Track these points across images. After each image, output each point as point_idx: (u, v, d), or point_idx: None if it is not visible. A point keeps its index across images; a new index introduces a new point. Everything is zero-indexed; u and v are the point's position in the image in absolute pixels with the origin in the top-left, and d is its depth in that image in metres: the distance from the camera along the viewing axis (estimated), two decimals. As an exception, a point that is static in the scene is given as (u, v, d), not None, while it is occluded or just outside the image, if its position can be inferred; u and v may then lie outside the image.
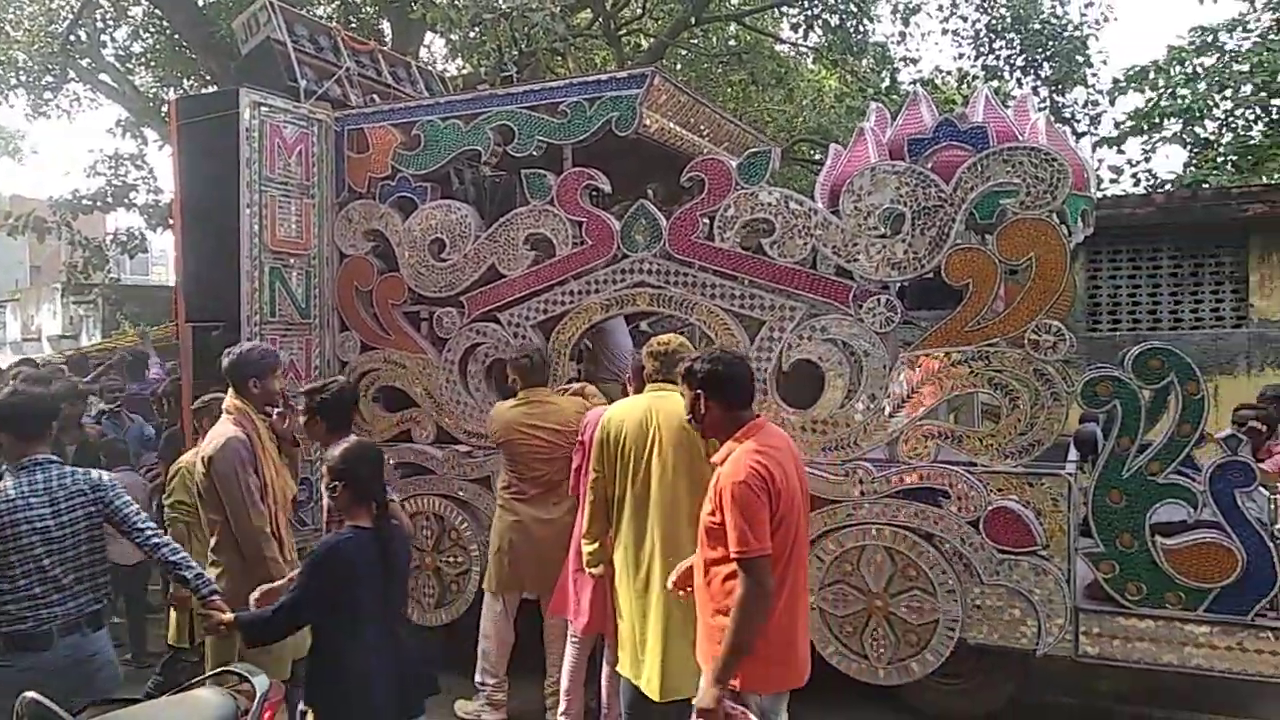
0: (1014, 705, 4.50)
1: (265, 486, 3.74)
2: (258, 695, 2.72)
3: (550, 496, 4.50)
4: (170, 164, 5.58)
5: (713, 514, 2.76)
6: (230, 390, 3.88)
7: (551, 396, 4.64)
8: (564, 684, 4.18)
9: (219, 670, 2.97)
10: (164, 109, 12.11)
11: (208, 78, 12.08)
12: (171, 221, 6.60)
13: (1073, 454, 4.79)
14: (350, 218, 5.50)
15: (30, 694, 2.37)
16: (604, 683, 4.07)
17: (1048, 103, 14.16)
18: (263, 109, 5.16)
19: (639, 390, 4.11)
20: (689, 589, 3.13)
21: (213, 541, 3.80)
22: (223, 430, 3.73)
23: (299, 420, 3.88)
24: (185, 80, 13.07)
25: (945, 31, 14.88)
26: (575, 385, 4.83)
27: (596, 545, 3.78)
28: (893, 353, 4.43)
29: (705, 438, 3.06)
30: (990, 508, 4.13)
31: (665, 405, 3.59)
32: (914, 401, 4.27)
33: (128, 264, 19.18)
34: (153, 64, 13.86)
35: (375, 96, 6.27)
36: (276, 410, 4.04)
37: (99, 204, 13.29)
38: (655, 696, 3.47)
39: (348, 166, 5.53)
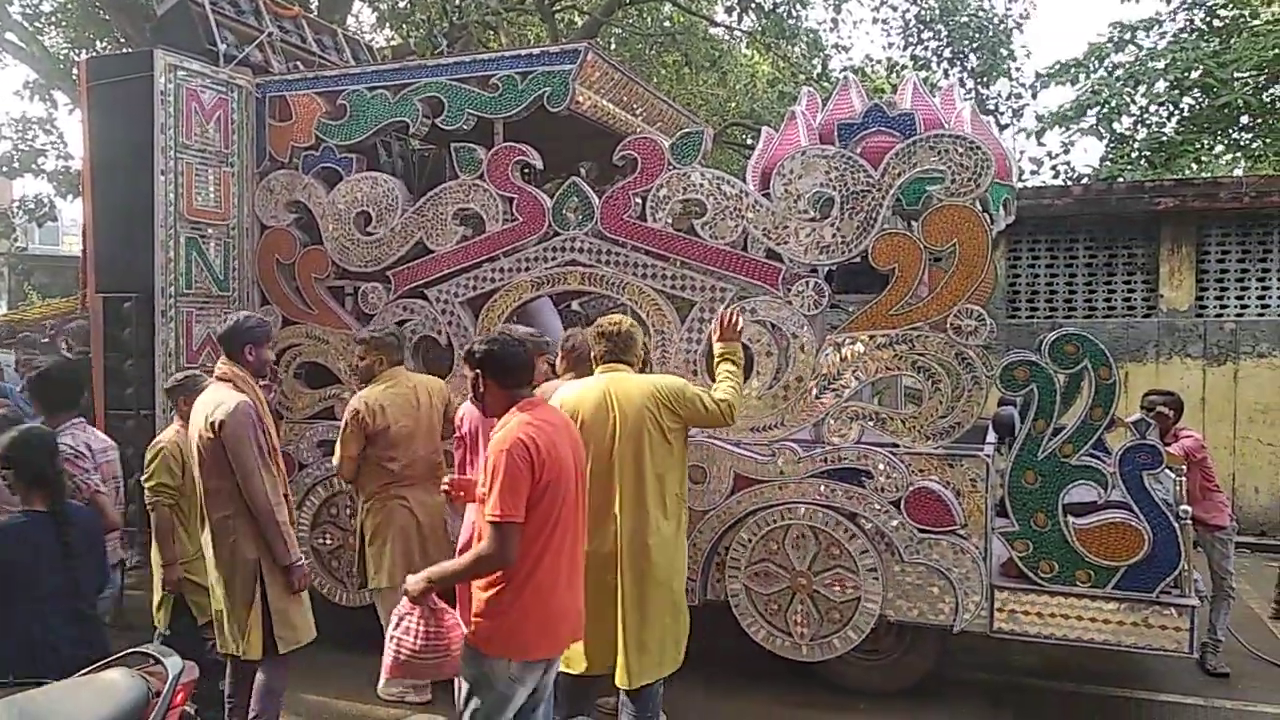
0: (931, 680, 4.62)
1: (273, 451, 3.65)
2: (170, 677, 2.63)
3: (430, 478, 4.35)
4: (80, 129, 5.34)
5: (483, 483, 2.83)
6: (224, 358, 3.69)
7: (412, 375, 4.57)
8: None
9: (129, 651, 2.87)
10: (75, 71, 11.57)
11: (122, 40, 11.57)
12: (81, 188, 6.31)
13: (991, 436, 4.92)
14: (271, 188, 5.33)
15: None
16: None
17: (973, 94, 14.49)
18: (179, 72, 4.97)
19: (569, 372, 4.07)
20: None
21: (213, 511, 3.60)
22: (229, 395, 3.56)
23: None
24: (98, 42, 12.51)
25: (875, 20, 15.21)
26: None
27: None
28: (820, 335, 4.48)
29: (486, 415, 3.09)
30: (911, 488, 4.22)
31: (623, 387, 3.55)
32: (839, 384, 4.34)
33: (36, 233, 18.32)
34: (63, 24, 13.23)
35: (299, 64, 6.08)
36: (263, 381, 3.96)
37: (5, 169, 12.68)
38: (625, 684, 3.43)
39: (269, 135, 5.36)
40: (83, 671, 2.79)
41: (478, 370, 2.93)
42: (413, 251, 5.09)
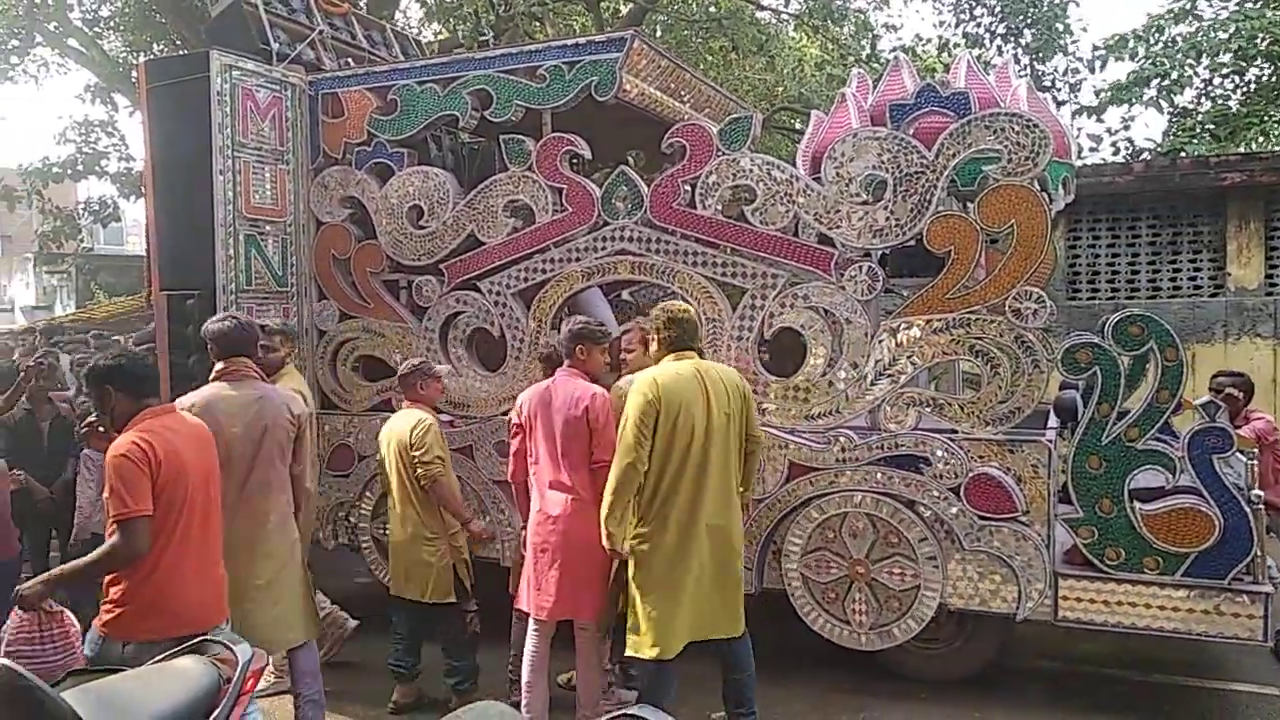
0: (994, 669, 4.55)
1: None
2: (240, 664, 2.69)
3: None
4: (141, 130, 5.46)
5: (105, 492, 3.00)
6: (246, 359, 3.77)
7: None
8: (525, 675, 3.99)
9: (200, 639, 2.94)
10: (134, 74, 11.86)
11: (178, 42, 11.83)
12: (144, 189, 6.47)
13: (1053, 421, 4.81)
14: (326, 184, 5.41)
15: (4, 662, 2.33)
16: (579, 675, 4.00)
17: (1028, 70, 14.14)
18: (234, 72, 5.05)
19: (615, 361, 4.16)
20: None
21: (285, 495, 3.78)
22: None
23: None
24: (155, 45, 12.80)
25: (926, -1, 14.79)
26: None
27: (622, 522, 3.62)
28: (874, 320, 4.42)
29: (114, 429, 3.12)
30: (971, 475, 4.15)
31: (710, 374, 3.67)
32: (895, 370, 4.28)
33: (101, 233, 18.87)
34: (121, 28, 13.55)
35: (350, 60, 6.15)
36: None
37: (69, 172, 13.05)
38: (672, 653, 3.53)
39: (322, 131, 5.43)
40: (156, 659, 2.87)
41: (107, 385, 3.08)
42: (464, 244, 5.12)
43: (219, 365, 3.74)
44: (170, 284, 5.18)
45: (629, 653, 3.64)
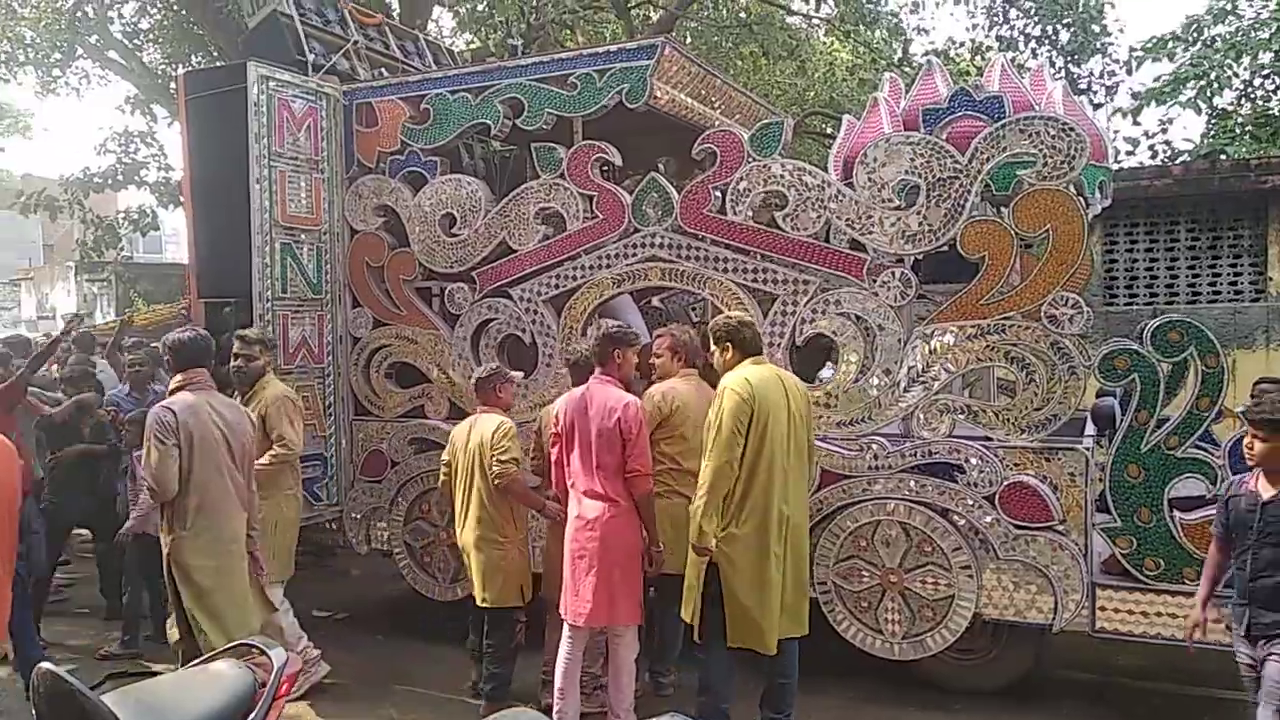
0: (1030, 680, 4.49)
1: None
2: (275, 668, 2.73)
3: None
4: (179, 140, 5.56)
5: None
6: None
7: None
8: (558, 680, 4.01)
9: (236, 643, 2.98)
10: (172, 85, 12.07)
11: (215, 53, 12.01)
12: (182, 198, 6.58)
13: (1090, 428, 4.75)
14: (360, 193, 5.47)
15: (46, 665, 2.38)
16: (611, 681, 4.01)
17: (1063, 73, 13.97)
18: (270, 83, 5.13)
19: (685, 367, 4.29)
20: None
21: (245, 497, 4.01)
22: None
23: None
24: (194, 56, 13.00)
25: (958, 2, 14.66)
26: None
27: (713, 520, 3.61)
28: (907, 326, 4.39)
29: None
30: (1006, 482, 4.11)
31: (789, 380, 3.80)
32: (928, 376, 4.24)
33: (140, 242, 19.23)
34: (160, 40, 13.78)
35: (384, 70, 6.23)
36: None
37: (110, 182, 13.29)
38: (774, 649, 3.63)
39: (357, 141, 5.50)
40: (193, 662, 2.91)
41: None
42: (496, 251, 5.16)
43: (179, 376, 3.96)
44: (207, 292, 5.27)
45: (736, 643, 3.66)
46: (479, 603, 4.38)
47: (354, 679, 4.84)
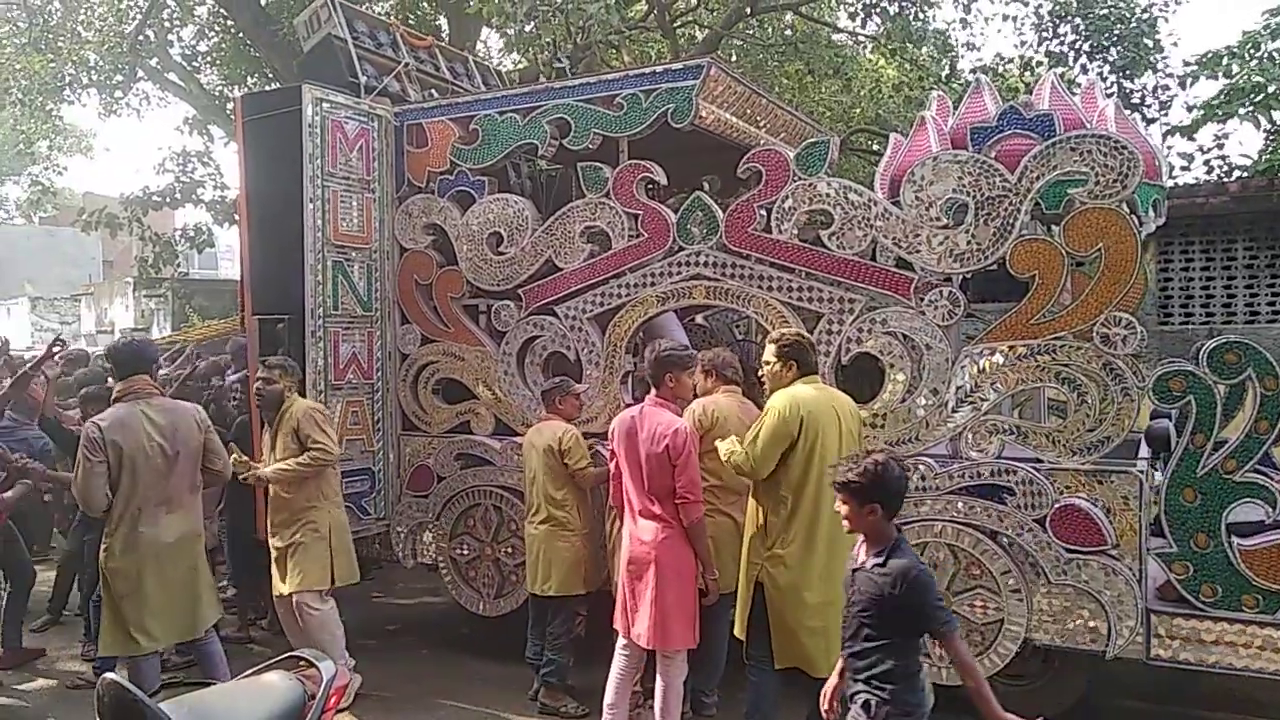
0: (1082, 708, 4.38)
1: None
2: (324, 680, 2.77)
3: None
4: (236, 160, 5.70)
5: None
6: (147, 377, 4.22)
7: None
8: (608, 696, 4.03)
9: (286, 655, 3.03)
10: (229, 106, 12.38)
11: (271, 75, 12.31)
12: (237, 217, 6.74)
13: (1144, 451, 4.65)
14: (410, 212, 5.56)
15: (110, 675, 2.44)
16: (658, 702, 3.98)
17: (1115, 89, 13.75)
18: (325, 105, 5.24)
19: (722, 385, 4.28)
20: None
21: (197, 498, 4.34)
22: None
23: None
24: (250, 78, 13.33)
25: (1006, 17, 14.51)
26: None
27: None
28: (955, 346, 4.34)
29: None
30: (1057, 505, 4.03)
31: (840, 395, 3.86)
32: (977, 396, 4.19)
33: (196, 259, 19.72)
34: (218, 63, 14.16)
35: (434, 91, 6.34)
36: None
37: (168, 200, 13.64)
38: (826, 673, 3.51)
39: (407, 161, 5.59)
40: (244, 674, 2.96)
41: None
42: (542, 269, 5.21)
43: (119, 385, 4.16)
44: (261, 308, 5.37)
45: (783, 664, 3.64)
46: (540, 592, 4.62)
47: (398, 694, 4.88)
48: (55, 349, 5.48)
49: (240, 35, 12.76)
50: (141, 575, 4.03)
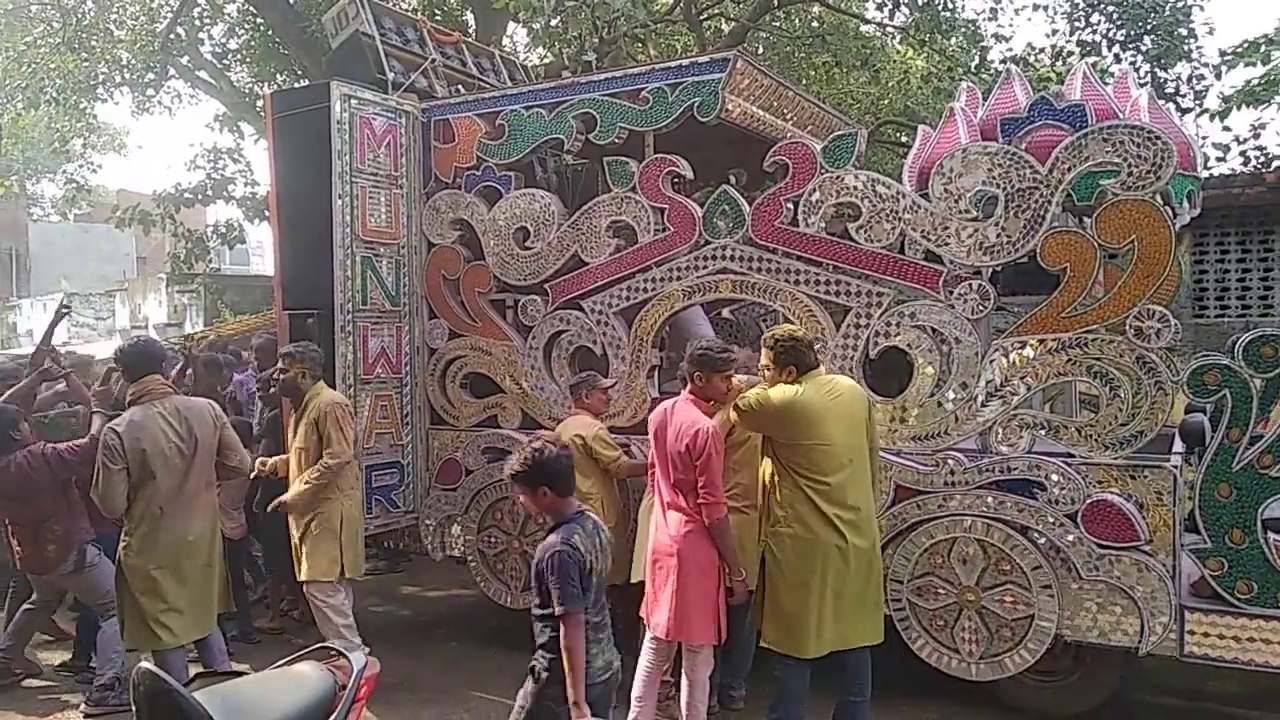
0: (1114, 704, 4.35)
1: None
2: (354, 671, 2.80)
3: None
4: (266, 157, 5.75)
5: None
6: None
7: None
8: (636, 689, 4.02)
9: (318, 646, 3.08)
10: (259, 104, 12.50)
11: (300, 72, 12.41)
12: (268, 213, 6.81)
13: (1178, 445, 4.58)
14: (437, 207, 5.59)
15: (145, 665, 2.49)
16: (683, 696, 3.99)
17: (1149, 78, 13.53)
18: (353, 101, 5.28)
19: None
20: None
21: (212, 495, 4.45)
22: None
23: None
24: (279, 75, 13.45)
25: (1037, 6, 14.31)
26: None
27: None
28: (985, 340, 4.30)
29: None
30: (1089, 500, 3.99)
31: (842, 379, 3.89)
32: (1007, 390, 4.15)
33: (227, 254, 19.91)
34: (248, 60, 14.30)
35: (460, 87, 6.36)
36: None
37: (200, 197, 13.81)
38: (810, 654, 3.63)
39: (434, 157, 5.62)
40: (276, 664, 3.01)
41: None
42: (568, 264, 5.22)
43: (132, 388, 4.23)
44: (292, 303, 5.43)
45: (775, 648, 3.69)
46: None
47: (428, 686, 4.93)
48: (41, 359, 5.49)
49: (269, 33, 12.88)
50: (160, 573, 4.11)
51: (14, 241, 28.13)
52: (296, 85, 11.82)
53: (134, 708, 2.47)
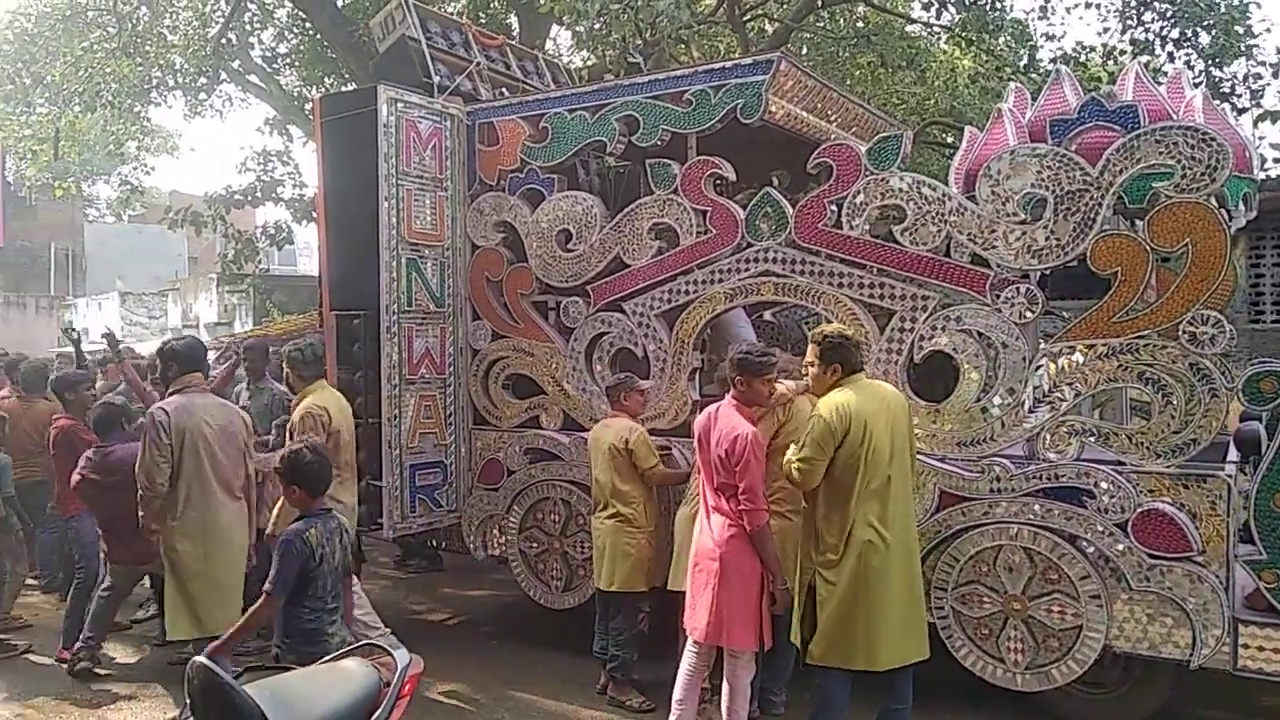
0: (1165, 717, 4.25)
1: None
2: (399, 668, 2.83)
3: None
4: (314, 160, 5.84)
5: None
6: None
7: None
8: (676, 693, 4.02)
9: (363, 643, 3.12)
10: (308, 107, 12.70)
11: (347, 76, 12.59)
12: (315, 215, 6.91)
13: (1233, 454, 4.47)
14: (481, 210, 5.64)
15: (200, 659, 2.54)
16: (724, 702, 3.96)
17: (1204, 77, 13.22)
18: (399, 105, 5.34)
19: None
20: None
21: (240, 487, 4.60)
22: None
23: None
24: (327, 79, 13.66)
25: (1089, 4, 14.04)
26: None
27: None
28: (1033, 345, 4.24)
29: None
30: (1140, 509, 3.91)
31: (888, 388, 3.84)
32: (1055, 396, 4.08)
33: (276, 255, 20.26)
34: (297, 64, 14.55)
35: (504, 90, 6.40)
36: None
37: (249, 199, 14.09)
38: (878, 668, 3.56)
39: (478, 159, 5.67)
40: (322, 659, 3.05)
41: None
42: (610, 266, 5.23)
43: (176, 381, 4.50)
44: (339, 305, 5.51)
45: (817, 660, 3.62)
46: (604, 587, 4.68)
47: (469, 683, 4.97)
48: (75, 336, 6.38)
49: (318, 37, 13.09)
50: (208, 556, 4.28)
51: (71, 242, 28.86)
52: (344, 89, 12.00)
53: (188, 700, 2.53)
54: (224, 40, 13.38)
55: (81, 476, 5.07)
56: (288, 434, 4.70)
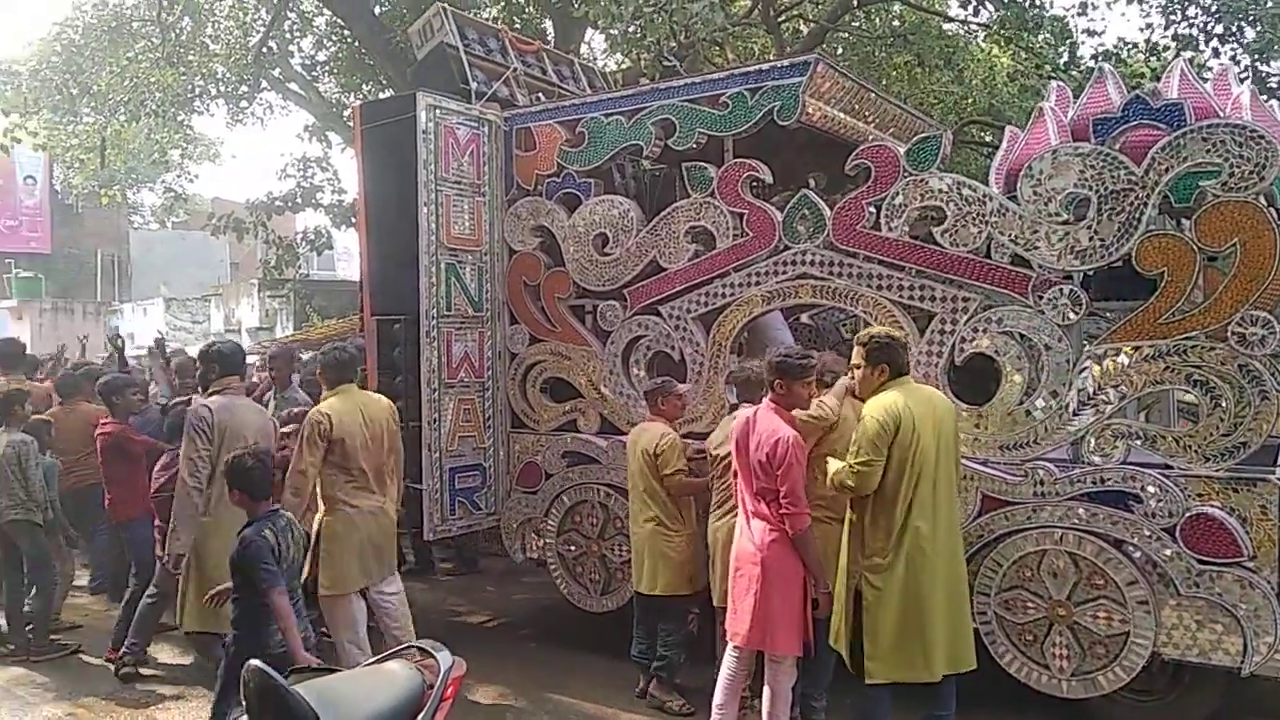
0: (1213, 726, 4.17)
1: None
2: (441, 670, 2.85)
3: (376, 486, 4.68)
4: (353, 166, 5.91)
5: None
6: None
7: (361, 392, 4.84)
8: (717, 697, 4.03)
9: (407, 646, 3.15)
10: (347, 114, 12.87)
11: (385, 83, 12.73)
12: (355, 220, 7.00)
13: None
14: (519, 214, 5.67)
15: (255, 662, 2.58)
16: (765, 707, 3.95)
17: (1250, 73, 12.94)
18: (438, 111, 5.39)
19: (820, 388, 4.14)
20: None
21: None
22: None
23: None
24: (365, 86, 13.83)
25: (1130, 0, 13.78)
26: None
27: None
28: (1077, 347, 4.18)
29: None
30: (1188, 514, 3.84)
31: (936, 394, 3.84)
32: (1100, 399, 4.02)
33: (316, 260, 20.55)
34: (336, 71, 14.75)
35: (541, 95, 6.44)
36: None
37: (290, 205, 14.28)
38: (937, 677, 3.53)
39: (516, 165, 5.70)
40: (367, 661, 3.09)
41: None
42: (647, 270, 5.24)
43: (216, 383, 4.66)
44: (379, 309, 5.57)
45: (881, 679, 3.56)
46: (647, 592, 4.67)
47: (508, 685, 5.00)
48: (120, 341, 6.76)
49: (357, 45, 13.25)
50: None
51: (116, 248, 29.47)
52: (383, 96, 12.13)
53: (244, 703, 2.57)
54: (265, 49, 13.61)
55: (165, 479, 5.07)
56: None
